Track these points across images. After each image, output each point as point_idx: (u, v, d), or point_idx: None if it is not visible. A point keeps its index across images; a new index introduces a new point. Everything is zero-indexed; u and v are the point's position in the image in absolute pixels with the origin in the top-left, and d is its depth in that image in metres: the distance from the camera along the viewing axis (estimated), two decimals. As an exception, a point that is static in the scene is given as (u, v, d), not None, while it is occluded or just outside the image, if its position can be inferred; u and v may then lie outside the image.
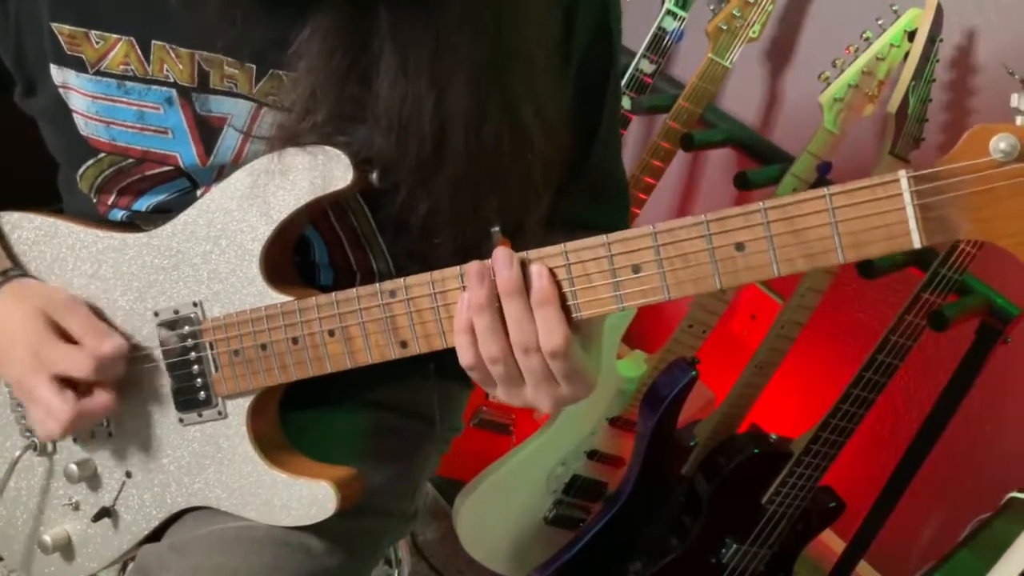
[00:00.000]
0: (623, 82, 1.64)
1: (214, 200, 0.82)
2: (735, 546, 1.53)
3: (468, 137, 0.76)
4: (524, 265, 0.70)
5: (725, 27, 1.57)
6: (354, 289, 0.77)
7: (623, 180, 1.00)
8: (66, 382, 0.81)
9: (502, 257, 0.70)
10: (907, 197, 0.61)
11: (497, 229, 0.74)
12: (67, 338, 0.83)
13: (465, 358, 0.73)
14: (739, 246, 0.66)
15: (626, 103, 1.65)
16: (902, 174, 0.61)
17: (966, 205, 0.60)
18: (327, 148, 0.77)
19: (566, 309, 0.70)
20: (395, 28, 0.74)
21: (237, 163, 0.83)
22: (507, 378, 0.72)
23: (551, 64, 0.82)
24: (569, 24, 0.83)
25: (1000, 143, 0.59)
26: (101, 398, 0.82)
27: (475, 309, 0.71)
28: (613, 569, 1.61)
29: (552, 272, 0.70)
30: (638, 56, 1.65)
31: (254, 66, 0.79)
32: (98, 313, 0.86)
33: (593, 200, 0.93)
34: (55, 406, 0.80)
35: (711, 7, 1.61)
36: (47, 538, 0.91)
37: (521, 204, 0.82)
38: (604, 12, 0.86)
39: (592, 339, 0.79)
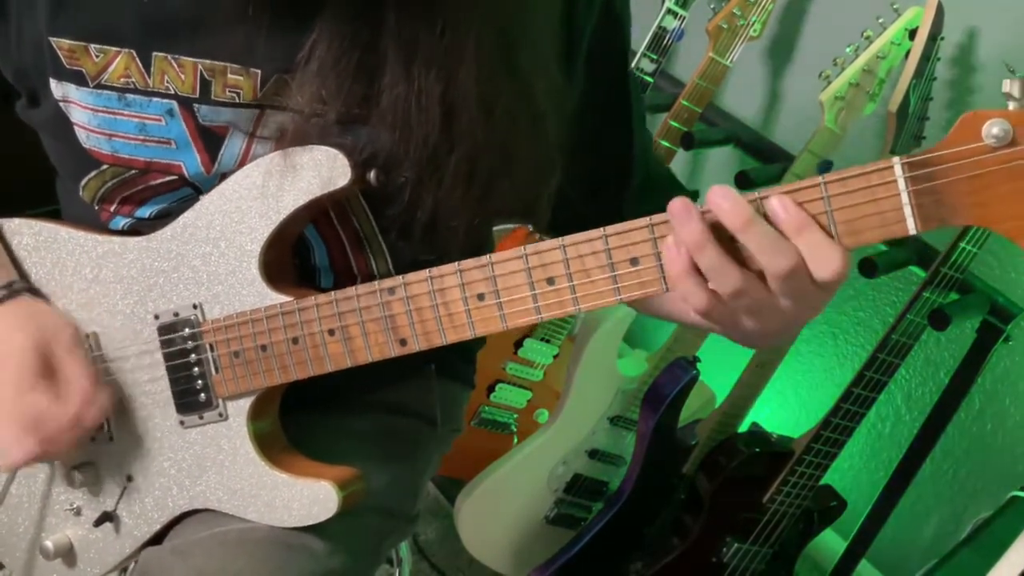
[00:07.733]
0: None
1: (213, 202, 0.82)
2: (736, 545, 1.53)
3: (479, 118, 0.76)
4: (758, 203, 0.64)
5: (726, 26, 1.57)
6: (353, 288, 0.77)
7: (663, 165, 0.98)
8: None
9: (721, 191, 0.63)
10: (901, 183, 0.62)
11: (504, 227, 0.74)
12: (57, 374, 0.82)
13: (699, 302, 0.66)
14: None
15: (626, 102, 1.65)
16: (896, 160, 0.61)
17: (960, 191, 0.61)
18: (326, 148, 0.77)
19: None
20: (401, 24, 0.74)
21: None
22: (755, 306, 0.66)
23: (556, 47, 0.82)
24: (570, 6, 0.83)
25: (992, 128, 0.59)
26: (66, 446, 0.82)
27: (695, 248, 0.64)
28: (614, 568, 1.61)
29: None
30: (638, 55, 1.64)
31: (259, 71, 0.79)
32: (99, 319, 0.86)
33: (646, 192, 0.92)
34: (16, 450, 0.80)
35: (712, 6, 1.61)
36: (49, 544, 0.90)
37: (532, 187, 0.81)
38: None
39: None
